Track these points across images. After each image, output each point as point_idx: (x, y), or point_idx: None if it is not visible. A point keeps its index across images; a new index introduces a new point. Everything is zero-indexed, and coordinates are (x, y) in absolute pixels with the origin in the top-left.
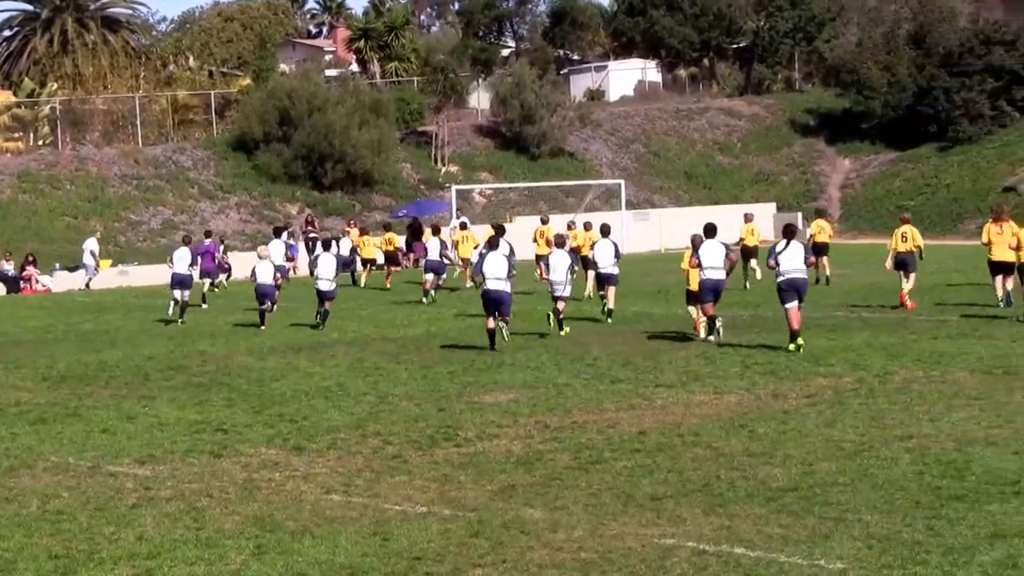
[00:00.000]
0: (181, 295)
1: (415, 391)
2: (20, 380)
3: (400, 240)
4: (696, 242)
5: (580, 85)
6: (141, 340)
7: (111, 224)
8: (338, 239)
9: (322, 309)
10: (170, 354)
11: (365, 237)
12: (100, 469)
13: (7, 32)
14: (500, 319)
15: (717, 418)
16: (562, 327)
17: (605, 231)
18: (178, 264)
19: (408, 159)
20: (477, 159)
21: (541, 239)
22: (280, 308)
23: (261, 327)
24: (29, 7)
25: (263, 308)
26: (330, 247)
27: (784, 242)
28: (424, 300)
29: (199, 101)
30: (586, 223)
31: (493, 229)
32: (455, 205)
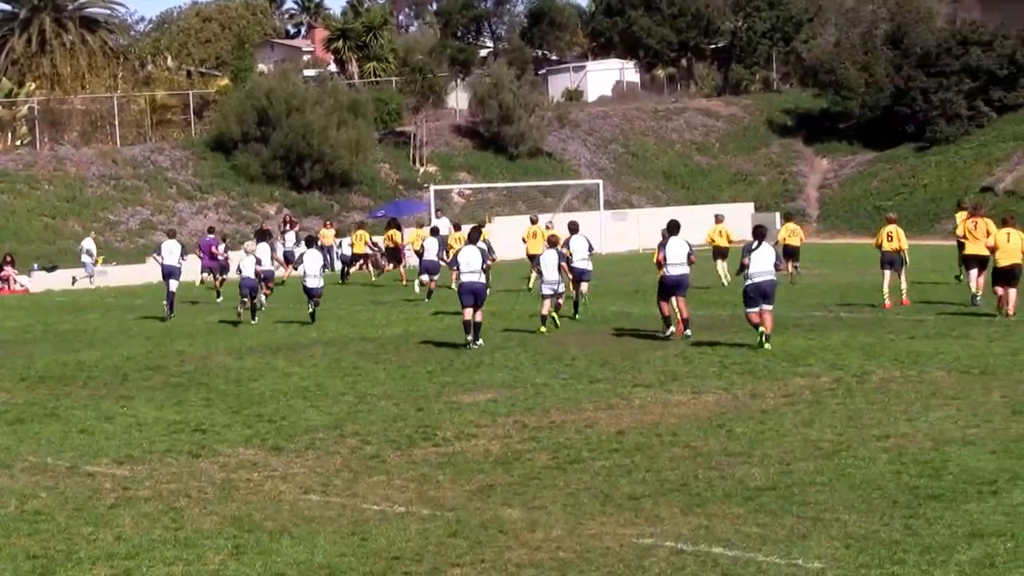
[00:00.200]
0: (173, 286)
1: (393, 391)
2: None
3: (400, 237)
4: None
5: (558, 85)
6: (119, 340)
7: (89, 224)
8: (339, 240)
9: (312, 306)
10: (148, 354)
11: (360, 232)
12: (78, 469)
13: None
14: (476, 312)
15: (695, 418)
16: (544, 323)
17: (573, 228)
18: (167, 257)
19: (386, 159)
20: (455, 159)
21: (532, 239)
22: (266, 308)
23: (253, 321)
24: (7, 7)
25: (250, 301)
26: (314, 244)
27: (756, 243)
28: (426, 299)
29: (177, 101)
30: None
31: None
32: (433, 205)
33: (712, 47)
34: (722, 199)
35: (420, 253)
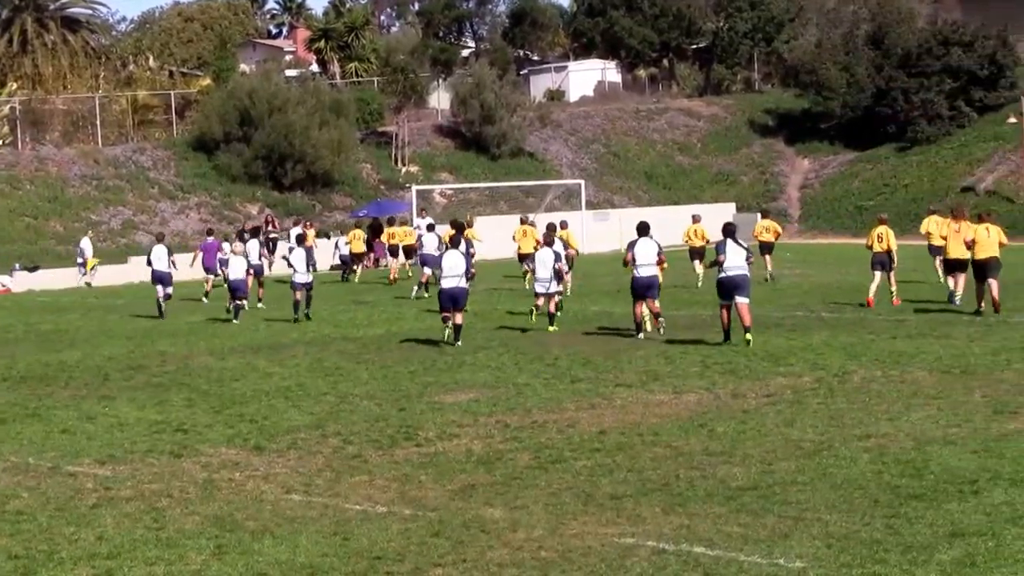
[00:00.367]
0: (163, 291)
1: (375, 391)
2: None
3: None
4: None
5: (540, 85)
6: (101, 340)
7: (71, 224)
8: (334, 238)
9: (300, 301)
10: (130, 354)
11: (357, 231)
12: (60, 469)
13: None
14: (455, 314)
15: (676, 417)
16: (532, 315)
17: (553, 229)
18: (156, 262)
19: (368, 159)
20: (437, 159)
21: (523, 238)
22: (250, 307)
23: (235, 320)
24: None
25: (237, 303)
26: (303, 242)
27: (726, 241)
28: (425, 294)
29: (159, 101)
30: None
31: (452, 227)
32: (416, 205)
33: (693, 47)
34: (704, 199)
35: (415, 248)
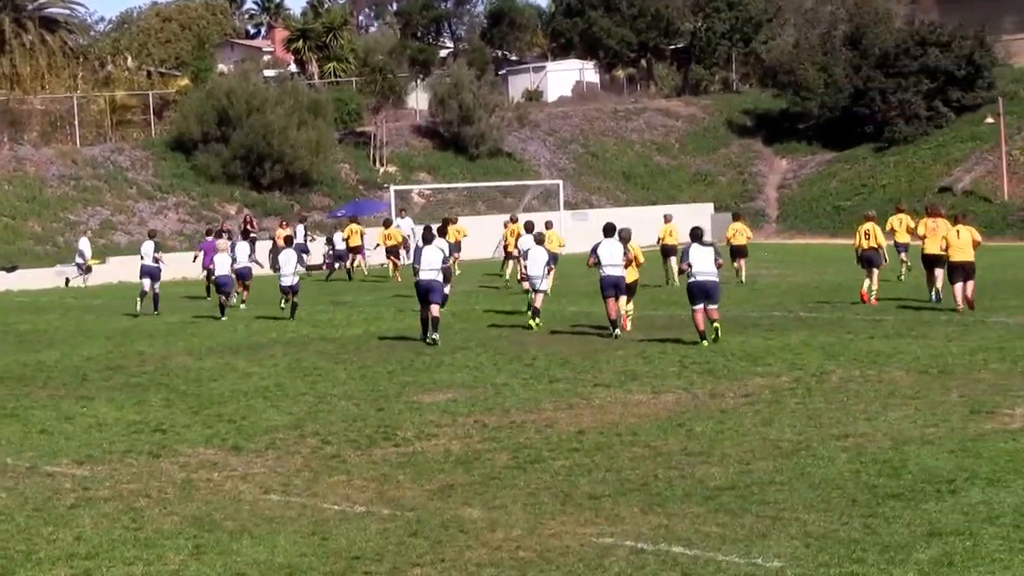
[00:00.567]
0: (151, 287)
1: (354, 391)
2: None
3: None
4: (625, 236)
5: (518, 86)
6: (79, 340)
7: (49, 225)
8: (331, 235)
9: (289, 303)
10: (108, 354)
11: (353, 226)
12: (38, 469)
13: None
14: (432, 307)
15: (655, 417)
16: (536, 317)
17: (529, 228)
18: (145, 257)
19: (346, 159)
20: (415, 159)
21: (512, 237)
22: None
23: (222, 318)
24: None
25: (222, 300)
26: (291, 243)
27: (694, 245)
28: None
29: (137, 101)
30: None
31: (444, 223)
32: (395, 205)
33: (672, 48)
34: (682, 199)
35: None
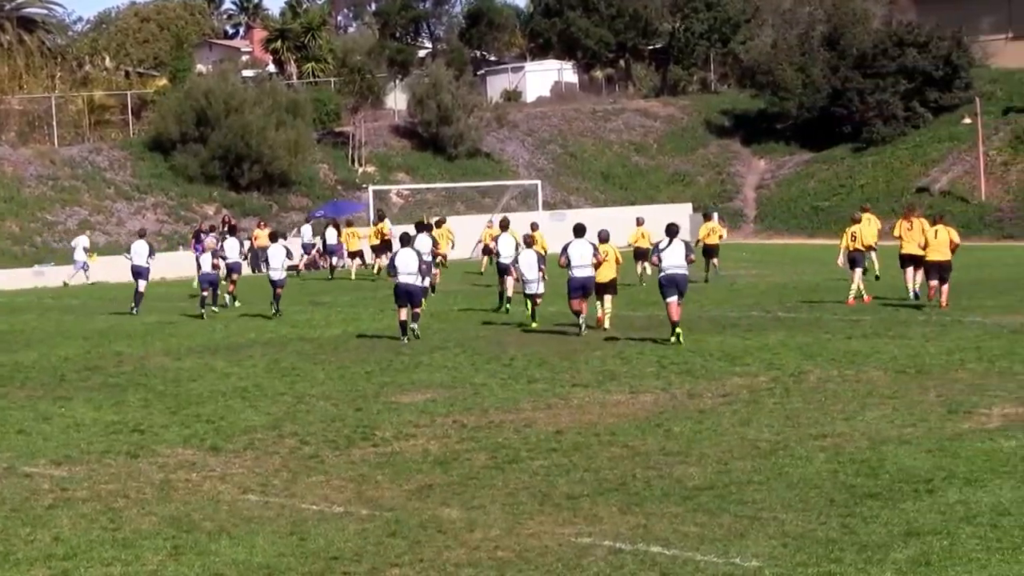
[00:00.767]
0: (144, 287)
1: (332, 391)
2: None
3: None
4: (603, 236)
5: (497, 86)
6: (57, 341)
7: (27, 225)
8: (323, 232)
9: (275, 299)
10: (86, 355)
11: (351, 228)
12: (15, 470)
13: None
14: (412, 311)
15: (633, 417)
16: (535, 318)
17: (504, 225)
18: (136, 257)
19: (325, 159)
20: (394, 159)
21: (490, 238)
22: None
23: (213, 310)
24: None
25: (204, 296)
26: (277, 239)
27: (667, 240)
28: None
29: (115, 101)
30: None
31: (435, 225)
32: (372, 206)
33: (650, 48)
34: (660, 199)
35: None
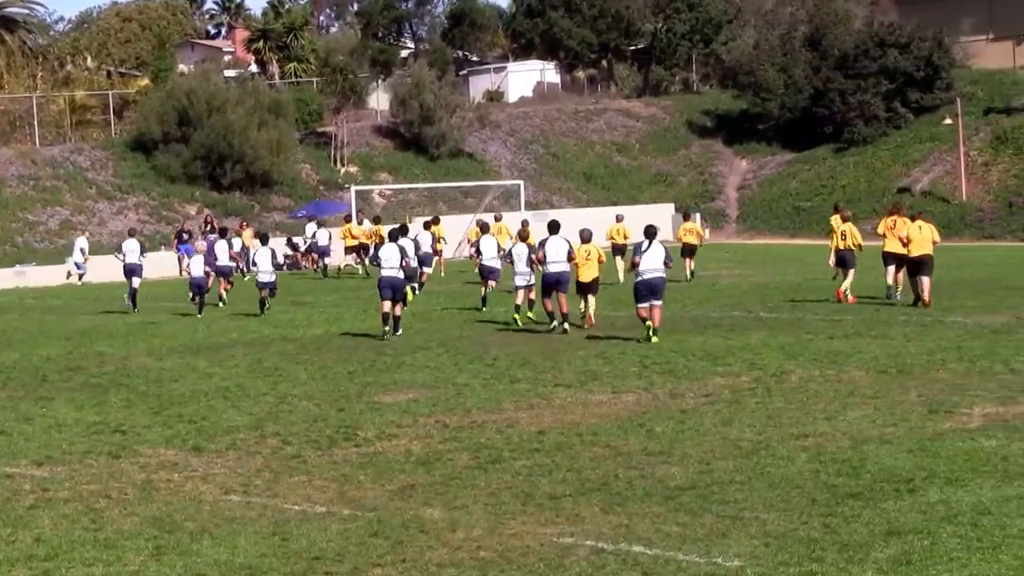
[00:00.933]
0: (139, 284)
1: (314, 391)
2: None
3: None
4: (585, 236)
5: (479, 86)
6: (39, 341)
7: (8, 225)
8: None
9: (264, 299)
10: (68, 355)
11: (349, 226)
12: None
13: None
14: (395, 305)
15: (615, 417)
16: (518, 312)
17: (484, 228)
18: (129, 255)
19: (307, 160)
20: (376, 160)
21: (498, 234)
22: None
23: (199, 315)
24: None
25: (199, 298)
26: (267, 241)
27: (646, 242)
28: (418, 290)
29: (97, 101)
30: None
31: (427, 226)
32: (355, 206)
33: (632, 48)
34: (642, 200)
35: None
